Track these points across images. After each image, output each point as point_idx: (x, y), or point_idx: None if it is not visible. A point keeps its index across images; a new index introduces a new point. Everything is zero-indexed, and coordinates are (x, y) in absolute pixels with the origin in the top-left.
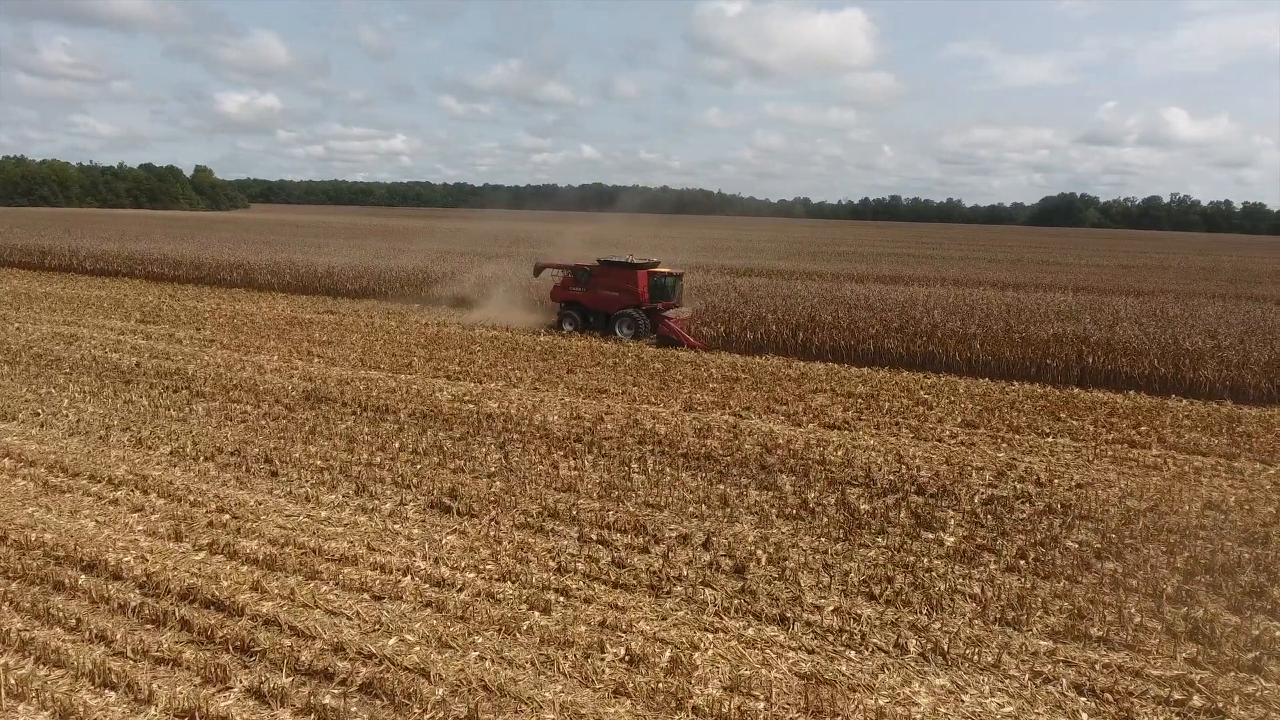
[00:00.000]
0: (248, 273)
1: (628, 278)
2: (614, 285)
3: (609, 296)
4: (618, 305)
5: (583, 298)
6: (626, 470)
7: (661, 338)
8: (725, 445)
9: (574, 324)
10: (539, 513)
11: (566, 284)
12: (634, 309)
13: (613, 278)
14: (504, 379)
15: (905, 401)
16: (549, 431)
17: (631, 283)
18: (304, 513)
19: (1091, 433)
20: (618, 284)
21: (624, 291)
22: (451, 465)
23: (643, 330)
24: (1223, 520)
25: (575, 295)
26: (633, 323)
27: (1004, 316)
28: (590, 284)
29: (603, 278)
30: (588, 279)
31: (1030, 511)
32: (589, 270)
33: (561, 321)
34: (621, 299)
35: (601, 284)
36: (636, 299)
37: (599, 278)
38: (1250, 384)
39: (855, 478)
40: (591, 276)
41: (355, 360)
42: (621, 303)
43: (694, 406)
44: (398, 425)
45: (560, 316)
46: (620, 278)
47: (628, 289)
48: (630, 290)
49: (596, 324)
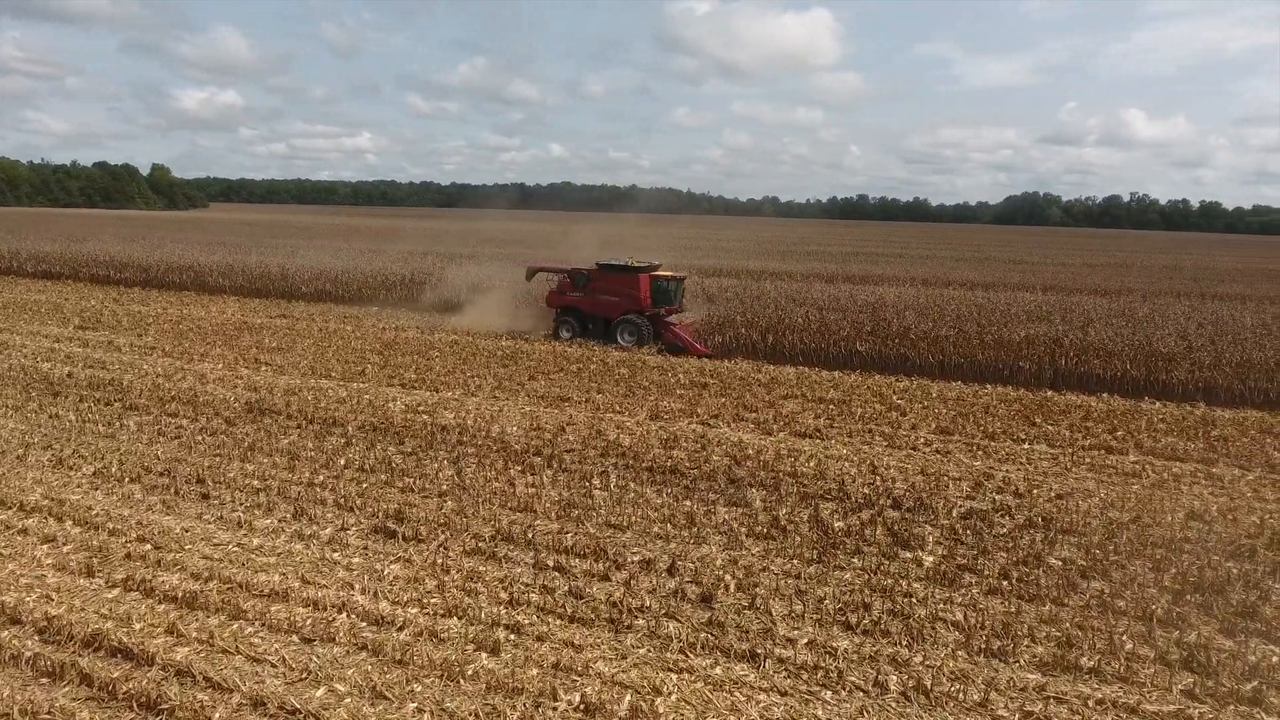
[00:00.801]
0: (198, 275)
1: (628, 282)
2: (614, 290)
3: (609, 302)
4: (618, 311)
5: (581, 303)
6: (587, 487)
7: (668, 345)
8: (692, 457)
9: (572, 330)
10: (492, 536)
11: (563, 288)
12: (636, 315)
13: (612, 282)
14: (462, 387)
15: (878, 407)
16: (507, 444)
17: (633, 287)
18: (234, 540)
19: (1068, 438)
20: (618, 288)
21: (624, 296)
22: (400, 484)
23: (646, 337)
24: (1207, 532)
25: (573, 300)
26: (635, 329)
27: (976, 318)
28: (588, 288)
29: (602, 282)
30: (585, 283)
31: (1010, 526)
32: (587, 274)
33: (558, 328)
34: (622, 304)
35: (600, 288)
36: (638, 304)
37: (597, 282)
38: (1222, 385)
39: (828, 491)
40: (590, 280)
41: (305, 368)
42: (622, 308)
43: (660, 415)
44: (345, 439)
45: (556, 323)
46: (620, 282)
47: (629, 294)
48: (631, 295)
49: (595, 331)
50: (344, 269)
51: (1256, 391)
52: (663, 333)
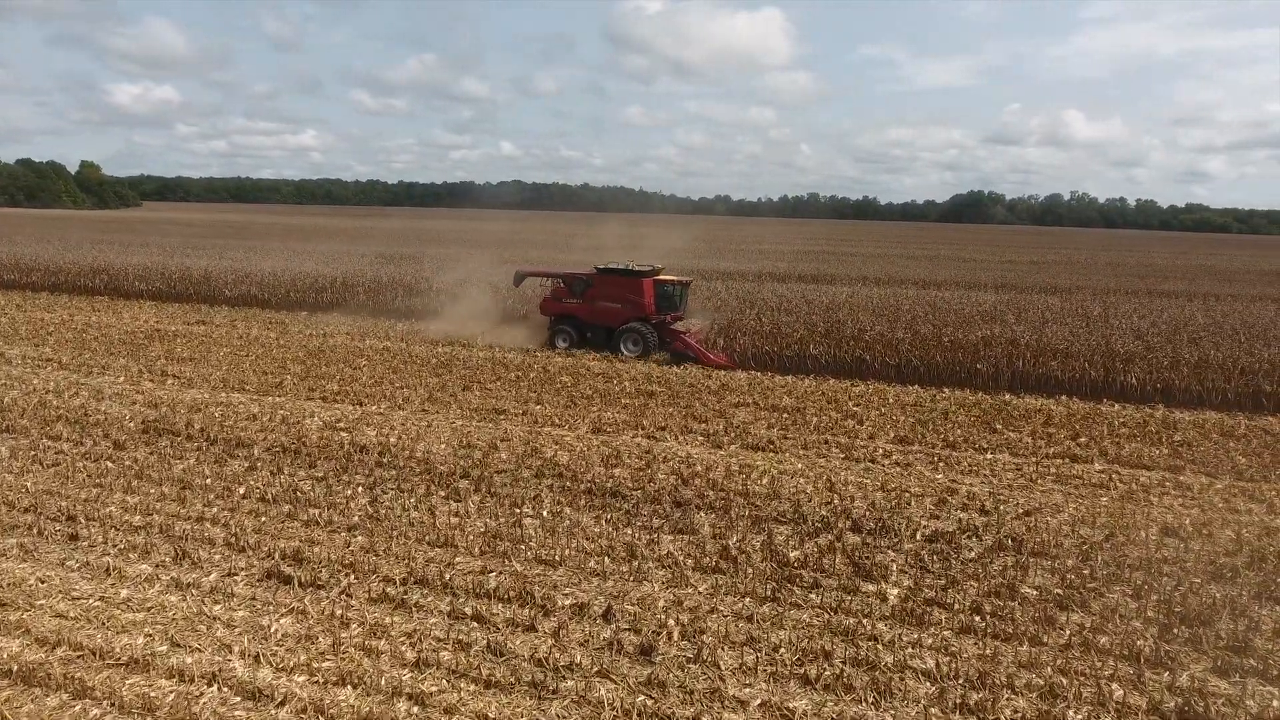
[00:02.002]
0: (113, 278)
1: (631, 287)
2: (616, 296)
3: (610, 309)
4: (620, 318)
5: (579, 310)
6: (518, 514)
7: (675, 355)
8: (636, 476)
9: (569, 340)
10: (404, 579)
11: (559, 295)
12: (640, 322)
13: (614, 287)
14: (389, 399)
15: (833, 415)
16: (432, 466)
17: (636, 292)
18: (98, 592)
19: (1031, 446)
20: (620, 294)
21: (627, 303)
22: (305, 515)
23: (651, 346)
24: (1184, 550)
25: (570, 308)
26: (640, 338)
27: (931, 319)
28: (587, 295)
29: (602, 287)
30: (584, 289)
31: (979, 550)
32: (585, 279)
33: (554, 338)
34: (625, 311)
35: (601, 294)
36: (642, 311)
37: (597, 287)
38: (1180, 386)
39: (783, 514)
40: (589, 286)
41: (217, 380)
42: (625, 315)
43: (603, 428)
44: (249, 464)
45: (552, 332)
46: (623, 287)
47: (632, 300)
48: (635, 301)
49: (596, 340)
50: (271, 271)
51: (1214, 392)
52: (670, 341)
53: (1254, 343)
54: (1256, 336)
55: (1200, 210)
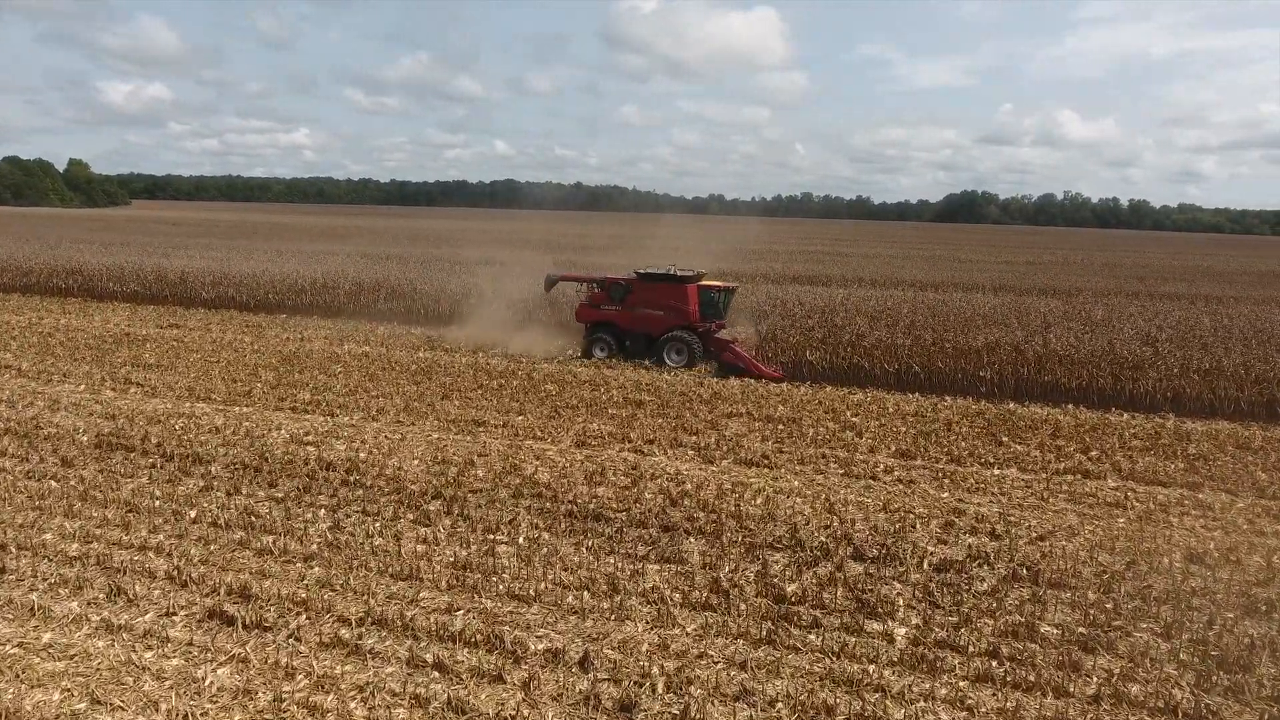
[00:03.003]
0: (87, 279)
1: (675, 293)
2: (658, 302)
3: (652, 316)
4: (662, 326)
5: (618, 317)
6: (492, 541)
7: (725, 367)
8: (621, 496)
9: (607, 348)
10: (361, 619)
11: (596, 301)
12: (685, 330)
13: (656, 293)
14: (363, 409)
15: (831, 426)
16: (402, 485)
17: (680, 299)
18: (19, 636)
19: (1040, 461)
20: (662, 301)
21: (670, 310)
22: (258, 543)
23: (697, 356)
24: (1212, 580)
25: (608, 315)
26: (685, 348)
27: (931, 323)
28: (627, 301)
29: (643, 293)
30: (624, 295)
31: (992, 581)
32: (625, 284)
33: (591, 346)
34: (667, 319)
35: (641, 301)
36: (686, 318)
37: (638, 293)
38: (1191, 394)
39: (779, 539)
40: (629, 292)
41: (183, 389)
42: (668, 323)
43: (588, 441)
44: (205, 482)
45: (589, 340)
46: (665, 293)
47: (675, 306)
48: (679, 308)
49: (635, 348)
50: (250, 272)
51: (1226, 401)
52: (718, 352)
53: (1266, 349)
54: (1267, 342)
55: (1193, 210)
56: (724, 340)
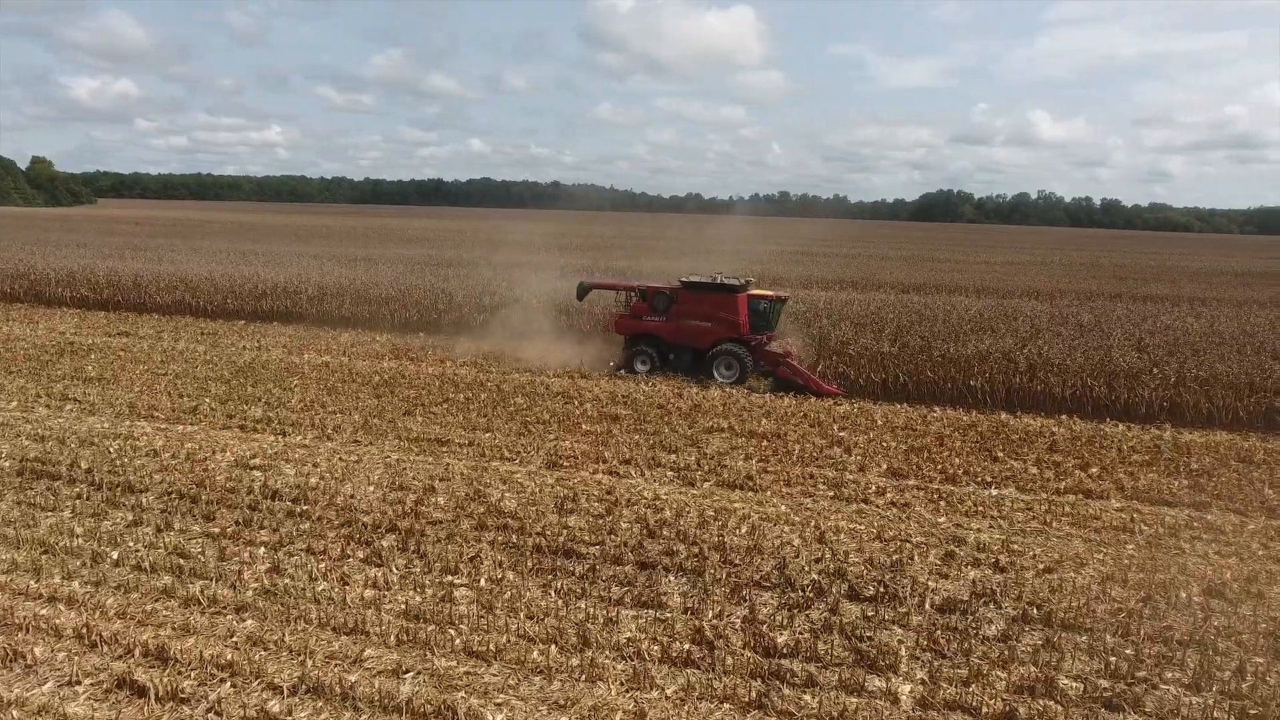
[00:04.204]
0: (34, 284)
1: (724, 303)
2: (705, 313)
3: (699, 328)
4: (709, 339)
5: (661, 329)
6: (450, 585)
7: (781, 383)
8: (595, 526)
9: (649, 363)
10: (294, 686)
11: (638, 312)
12: (735, 343)
13: (702, 303)
14: (318, 427)
15: (818, 441)
16: (354, 517)
17: (730, 310)
18: None
19: (1038, 478)
20: (710, 311)
21: (719, 321)
22: (186, 591)
23: (748, 371)
24: (1235, 618)
25: (651, 326)
26: (735, 362)
27: (918, 330)
28: (672, 311)
29: (688, 303)
30: (668, 305)
31: (1001, 623)
32: (669, 294)
33: (631, 360)
34: (716, 331)
35: (687, 311)
36: (736, 331)
37: (683, 303)
38: (1188, 404)
39: (767, 576)
40: (673, 302)
41: (125, 405)
42: (715, 335)
43: (560, 461)
44: (135, 516)
45: (629, 354)
46: (713, 303)
47: (725, 318)
48: (729, 320)
49: (679, 362)
50: (207, 275)
51: (1224, 410)
52: (771, 366)
53: (1259, 355)
54: (1260, 348)
55: (1163, 210)
56: (776, 354)
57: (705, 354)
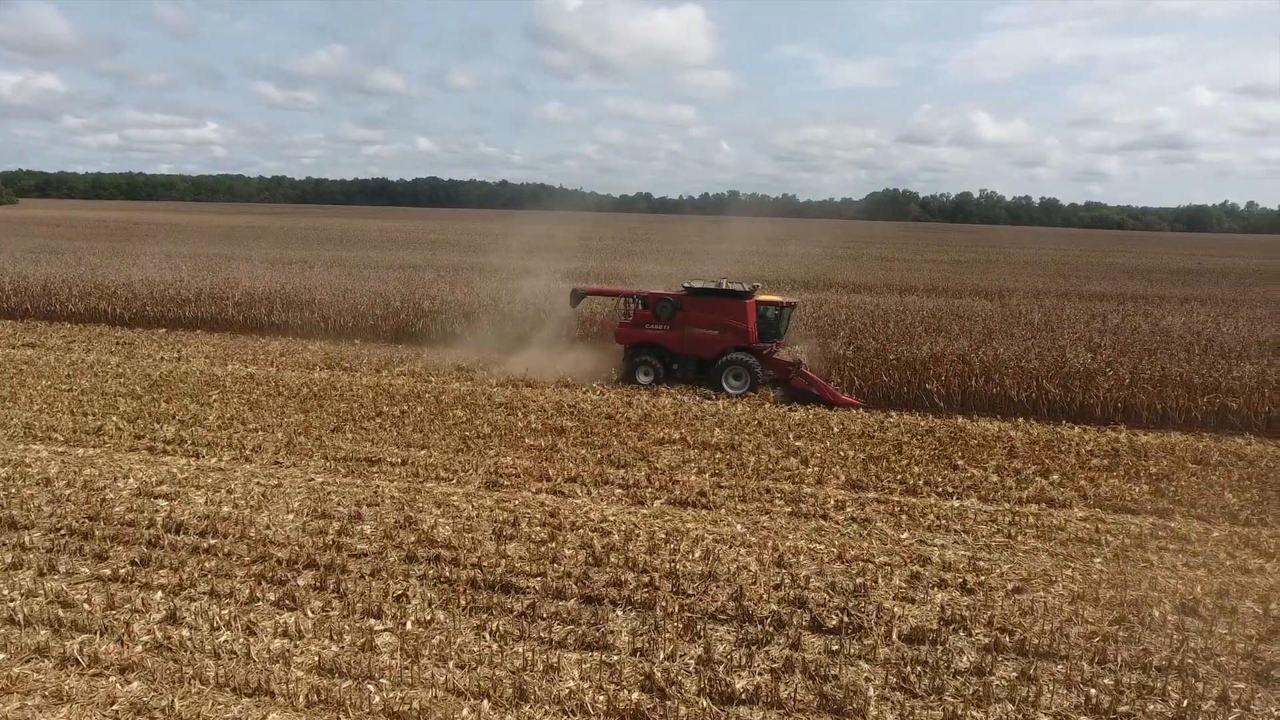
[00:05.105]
0: None
1: (732, 310)
2: (712, 321)
3: (705, 336)
4: (717, 347)
5: (665, 338)
6: (371, 631)
7: (795, 394)
8: (536, 555)
9: (653, 374)
10: None
11: (640, 320)
12: (744, 352)
13: (709, 310)
14: (236, 447)
15: (773, 452)
16: (269, 552)
17: (738, 317)
18: None
19: (1000, 487)
20: (718, 319)
21: (727, 329)
22: (62, 648)
23: (759, 381)
24: (1211, 637)
25: (654, 335)
26: (745, 372)
27: (871, 332)
28: (676, 319)
29: (694, 311)
30: (672, 313)
31: (972, 654)
32: (673, 301)
33: (634, 371)
34: (723, 339)
35: (692, 319)
36: (745, 339)
37: (688, 311)
38: (1143, 404)
39: (723, 608)
40: (678, 309)
41: (21, 426)
42: (723, 344)
43: (500, 480)
44: (15, 558)
45: (631, 365)
46: (721, 310)
47: (732, 325)
48: (737, 327)
49: (684, 372)
50: (126, 281)
51: (1177, 411)
52: (780, 375)
53: (1207, 353)
54: (1207, 346)
55: (1099, 208)
56: (785, 362)
57: (712, 364)
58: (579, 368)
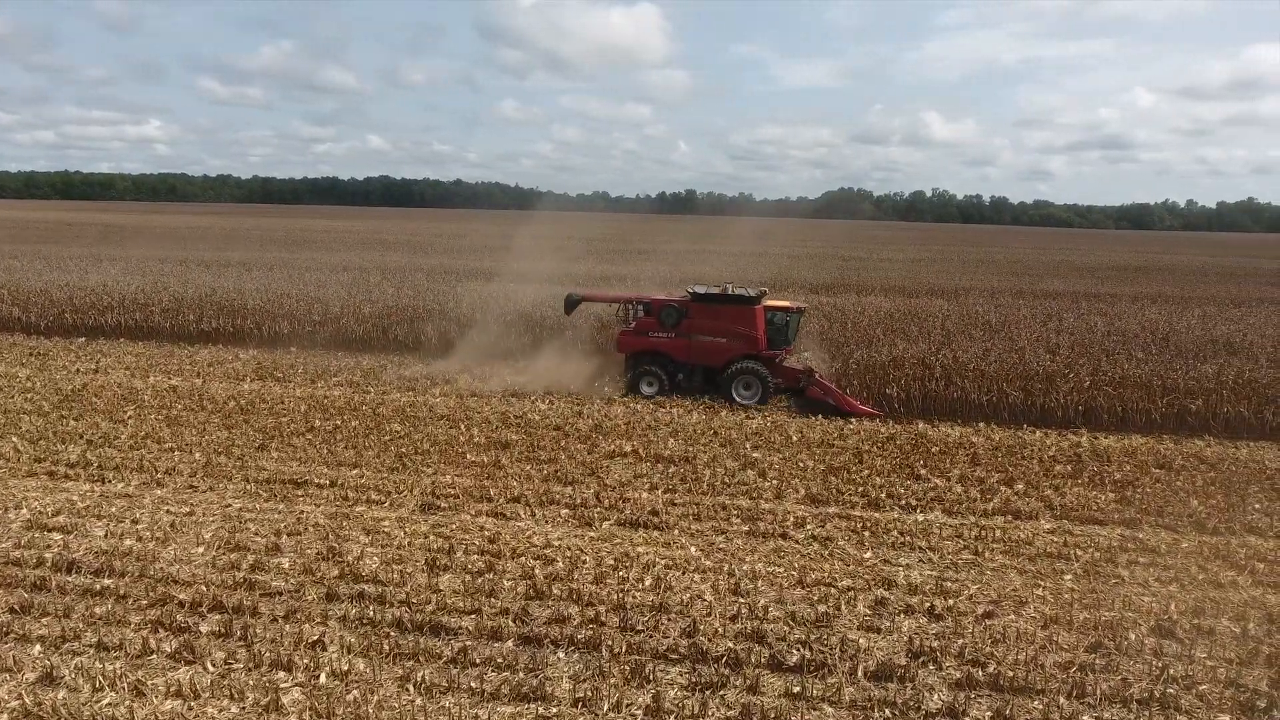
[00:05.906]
0: None
1: (740, 316)
2: (720, 328)
3: (712, 344)
4: (725, 355)
5: (671, 346)
6: (276, 690)
7: (809, 403)
8: (471, 588)
9: (657, 384)
10: None
11: (643, 327)
12: (754, 360)
13: (716, 317)
14: (148, 470)
15: (730, 464)
16: (170, 593)
17: (747, 323)
18: None
19: (964, 498)
20: (726, 326)
21: (736, 336)
22: None
23: (770, 390)
24: (1190, 663)
25: (659, 343)
26: (756, 381)
27: (830, 335)
28: (682, 326)
29: (700, 317)
30: (677, 320)
31: (944, 692)
32: (678, 307)
33: (637, 380)
34: (731, 346)
35: (699, 327)
36: (754, 346)
37: (695, 318)
38: (1103, 407)
39: (674, 646)
40: (683, 316)
41: None
42: (730, 352)
43: (438, 502)
44: None
45: (634, 374)
46: (728, 317)
47: (741, 332)
48: (746, 335)
49: (690, 382)
50: (42, 287)
51: (1137, 414)
52: (793, 384)
53: (1164, 354)
54: (1163, 346)
55: (1046, 207)
56: (796, 370)
57: (720, 373)
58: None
